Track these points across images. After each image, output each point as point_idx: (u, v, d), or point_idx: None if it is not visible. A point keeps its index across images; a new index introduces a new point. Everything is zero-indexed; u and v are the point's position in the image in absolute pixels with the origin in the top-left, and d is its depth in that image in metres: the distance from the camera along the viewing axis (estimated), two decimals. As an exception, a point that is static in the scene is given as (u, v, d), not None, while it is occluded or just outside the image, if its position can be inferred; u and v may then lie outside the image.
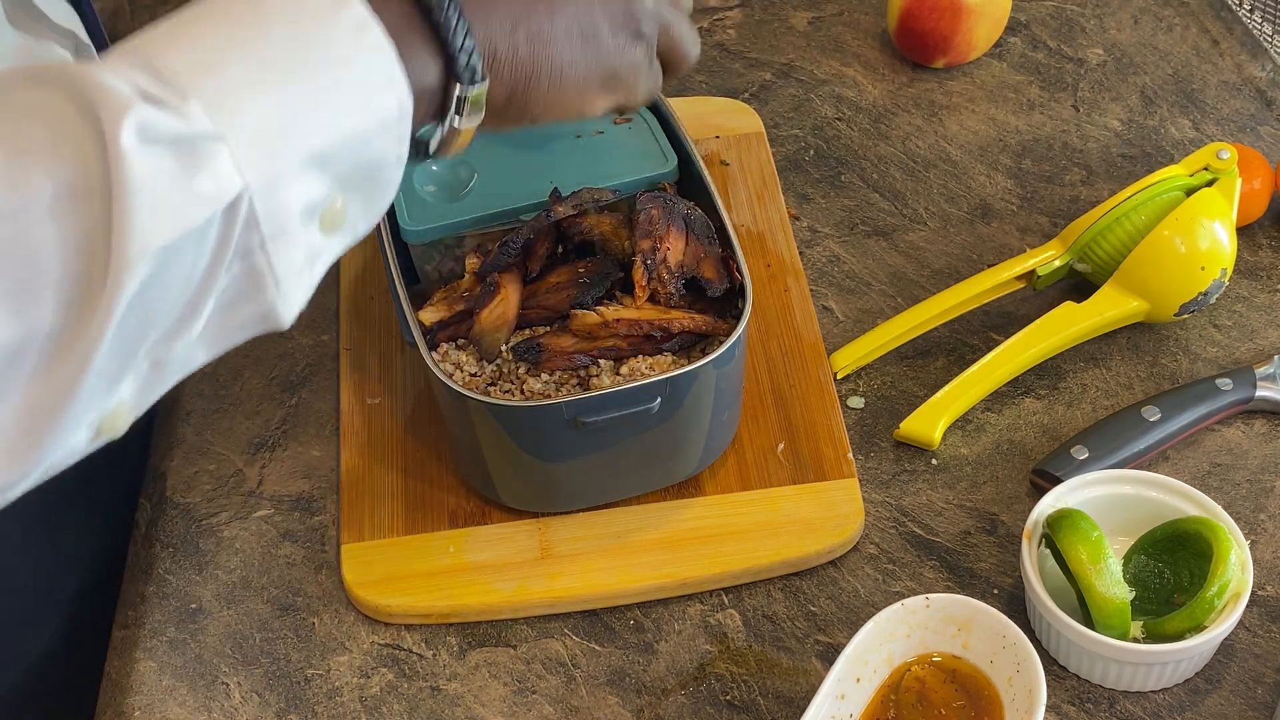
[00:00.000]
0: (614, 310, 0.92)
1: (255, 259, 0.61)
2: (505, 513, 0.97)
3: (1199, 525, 0.89)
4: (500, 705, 0.90)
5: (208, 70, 0.58)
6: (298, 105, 0.60)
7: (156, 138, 0.56)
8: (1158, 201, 1.03)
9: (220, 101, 0.58)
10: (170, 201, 0.57)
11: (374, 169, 0.64)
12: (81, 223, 0.56)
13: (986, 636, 0.86)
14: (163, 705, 0.91)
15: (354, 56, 0.62)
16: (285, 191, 0.60)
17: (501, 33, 0.69)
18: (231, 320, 0.63)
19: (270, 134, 0.59)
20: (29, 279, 0.56)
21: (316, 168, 0.61)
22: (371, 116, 0.63)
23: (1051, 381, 1.03)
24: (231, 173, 0.58)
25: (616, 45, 0.74)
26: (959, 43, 1.22)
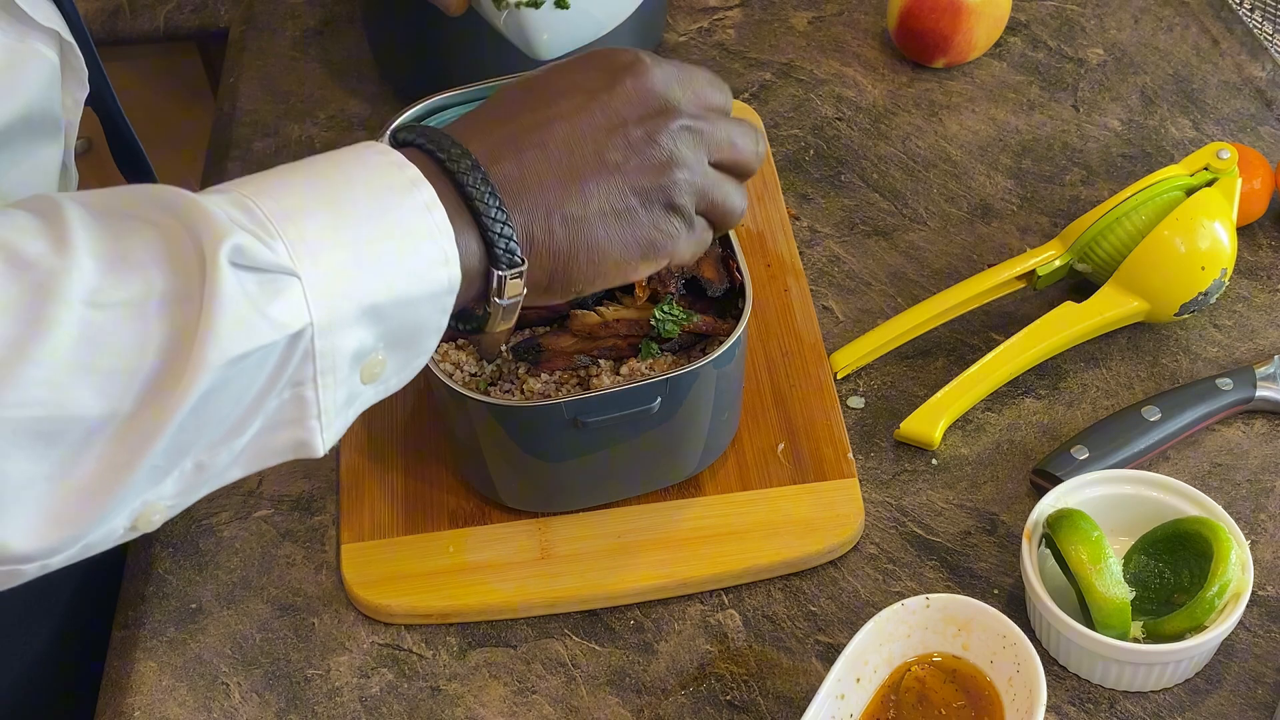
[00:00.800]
0: (614, 310, 0.92)
1: (305, 390, 0.67)
2: (505, 513, 0.97)
3: (1199, 525, 0.89)
4: (500, 705, 0.90)
5: (294, 218, 0.65)
6: (365, 262, 0.67)
7: (246, 263, 0.63)
8: (1158, 201, 1.03)
9: (301, 245, 0.65)
10: (249, 320, 0.63)
11: (416, 333, 0.70)
12: (175, 325, 0.62)
13: (987, 636, 0.86)
14: (163, 705, 0.91)
15: (419, 230, 0.68)
16: (342, 335, 0.66)
17: (537, 219, 0.73)
18: (272, 441, 0.68)
19: (338, 282, 0.66)
20: (126, 368, 0.62)
21: (370, 319, 0.67)
22: (425, 286, 0.69)
23: (1051, 381, 1.03)
24: (302, 308, 0.65)
25: (652, 219, 0.76)
26: (959, 42, 1.22)
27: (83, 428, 0.61)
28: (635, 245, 0.76)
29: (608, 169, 0.74)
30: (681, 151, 0.76)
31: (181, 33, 1.46)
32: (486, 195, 0.71)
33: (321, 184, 0.68)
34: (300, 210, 0.66)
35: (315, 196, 0.67)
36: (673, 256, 0.78)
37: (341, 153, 0.70)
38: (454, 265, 0.69)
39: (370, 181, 0.68)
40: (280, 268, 0.64)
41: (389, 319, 0.68)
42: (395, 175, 0.69)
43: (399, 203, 0.68)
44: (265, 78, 1.30)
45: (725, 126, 0.79)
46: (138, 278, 0.62)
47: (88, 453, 0.62)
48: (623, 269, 0.76)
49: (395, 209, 0.68)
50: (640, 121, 0.75)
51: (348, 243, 0.66)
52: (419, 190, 0.69)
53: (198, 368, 0.62)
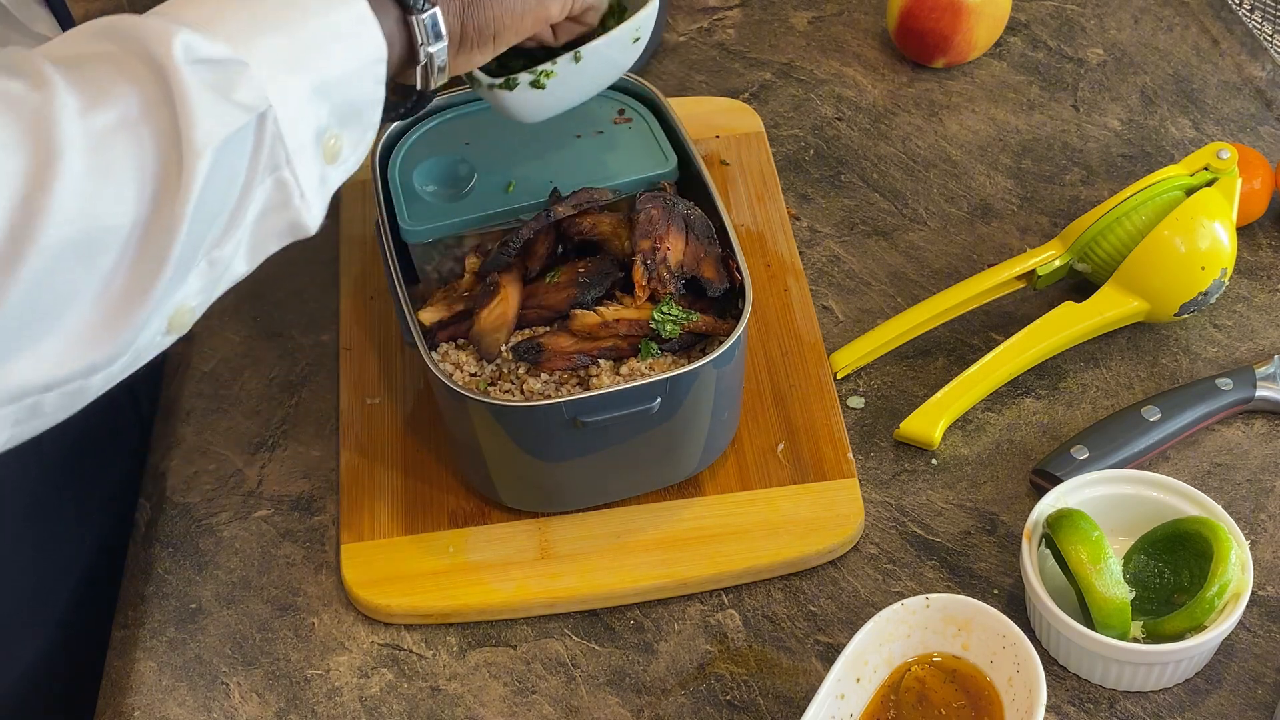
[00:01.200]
0: (614, 310, 0.92)
1: (282, 173, 0.71)
2: (505, 513, 0.97)
3: (1199, 525, 0.89)
4: (500, 705, 0.90)
5: (223, 18, 0.69)
6: (300, 44, 0.71)
7: (198, 58, 0.67)
8: (1158, 201, 1.03)
9: (238, 38, 0.69)
10: (219, 108, 0.67)
11: (360, 106, 0.74)
12: (161, 128, 0.66)
13: (986, 636, 0.86)
14: (163, 705, 0.91)
15: (335, 7, 0.73)
16: (299, 113, 0.71)
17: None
18: (267, 227, 0.73)
19: (282, 65, 0.70)
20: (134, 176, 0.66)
21: (319, 97, 0.72)
22: (355, 57, 0.73)
23: (1051, 381, 1.03)
24: (260, 89, 0.69)
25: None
26: (959, 42, 1.22)
27: (119, 235, 0.66)
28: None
29: None
30: None
31: (181, 32, 1.45)
32: None
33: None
34: (224, 12, 0.70)
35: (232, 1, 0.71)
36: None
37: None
38: (374, 29, 0.74)
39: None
40: (228, 57, 0.68)
41: (334, 94, 0.72)
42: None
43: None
44: (265, 78, 1.30)
45: None
46: (114, 95, 0.66)
47: (123, 260, 0.66)
48: (525, 13, 0.81)
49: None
50: None
51: (278, 28, 0.70)
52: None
53: (191, 158, 0.66)
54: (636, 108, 1.03)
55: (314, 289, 1.11)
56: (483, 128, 1.02)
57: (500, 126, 1.01)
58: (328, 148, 0.73)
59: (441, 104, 1.03)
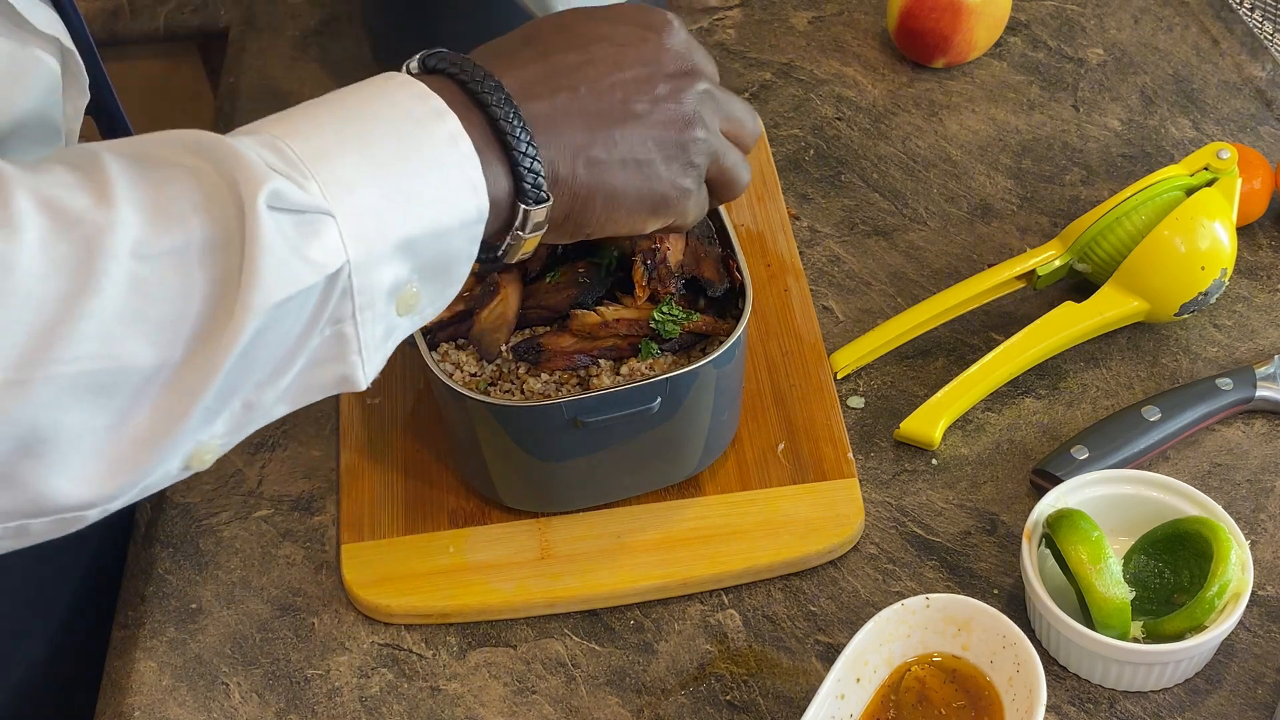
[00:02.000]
0: (614, 310, 0.92)
1: (345, 326, 0.68)
2: (505, 513, 0.97)
3: (1199, 525, 0.89)
4: (500, 705, 0.90)
5: (325, 157, 0.67)
6: (396, 197, 0.68)
7: (283, 206, 0.64)
8: (1158, 201, 1.03)
9: (334, 184, 0.66)
10: (289, 264, 0.64)
11: (448, 263, 0.71)
12: (219, 272, 0.63)
13: (986, 636, 0.86)
14: (163, 705, 0.91)
15: (447, 162, 0.70)
16: (378, 270, 0.68)
17: (564, 158, 0.75)
18: (315, 378, 0.70)
19: (372, 218, 0.67)
20: (174, 316, 0.63)
21: (404, 254, 0.68)
22: (454, 216, 0.70)
23: (1051, 381, 1.04)
24: (338, 246, 0.66)
25: (669, 175, 0.78)
26: (959, 42, 1.22)
27: (137, 378, 0.63)
28: (649, 197, 0.78)
29: (634, 118, 0.76)
30: (702, 112, 0.78)
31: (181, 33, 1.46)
32: (518, 129, 0.72)
33: (349, 121, 0.69)
34: (330, 149, 0.67)
35: (343, 135, 0.68)
36: (681, 216, 0.80)
37: (367, 86, 0.71)
38: (482, 194, 0.71)
39: (395, 116, 0.69)
40: (316, 208, 0.65)
41: (422, 251, 0.69)
42: (419, 107, 0.70)
43: (426, 136, 0.69)
44: (265, 78, 1.30)
45: (735, 100, 0.82)
46: (179, 227, 0.63)
47: (142, 401, 0.64)
48: (633, 219, 0.78)
49: (422, 143, 0.69)
50: (668, 78, 0.78)
51: (378, 179, 0.67)
52: (444, 121, 0.70)
53: (244, 314, 0.63)
54: (636, 108, 1.03)
55: (314, 289, 1.11)
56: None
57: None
58: (402, 300, 0.70)
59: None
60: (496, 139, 0.72)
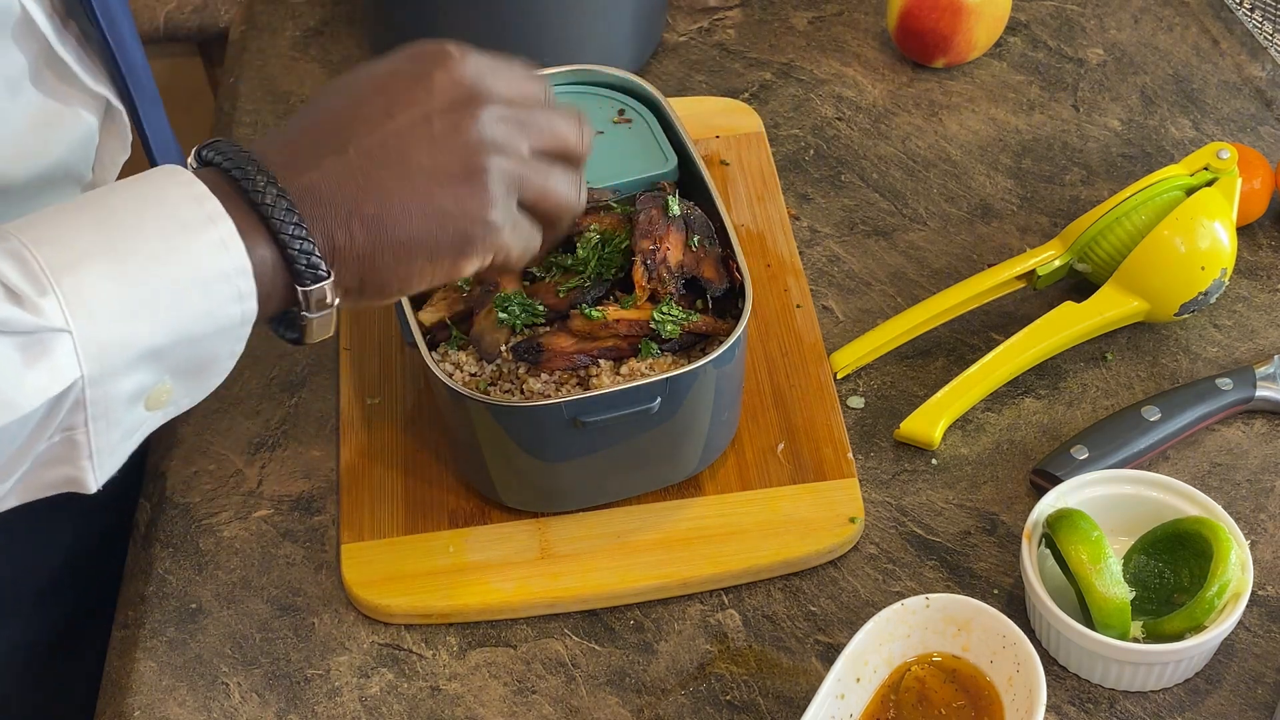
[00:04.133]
0: (614, 310, 0.92)
1: (76, 435, 0.66)
2: (505, 513, 0.97)
3: (1199, 525, 0.89)
4: (500, 705, 0.90)
5: (72, 268, 0.64)
6: (146, 308, 0.65)
7: (9, 330, 0.62)
8: (1158, 201, 1.03)
9: (77, 298, 0.63)
10: (7, 395, 0.62)
11: (207, 363, 0.69)
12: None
13: (986, 636, 0.86)
14: (163, 705, 0.91)
15: (212, 271, 0.67)
16: (116, 382, 0.65)
17: (338, 225, 0.70)
18: (42, 478, 0.68)
19: (115, 331, 0.64)
20: None
21: (150, 361, 0.66)
22: (216, 323, 0.68)
23: (1051, 381, 1.03)
24: (71, 364, 0.63)
25: (463, 211, 0.72)
26: (959, 42, 1.22)
27: None
28: (447, 240, 0.72)
29: (410, 166, 0.71)
30: (494, 137, 0.73)
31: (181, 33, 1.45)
32: (282, 212, 0.68)
33: (111, 225, 0.66)
34: (80, 260, 0.64)
35: (100, 240, 0.65)
36: (499, 251, 0.75)
37: (142, 183, 0.68)
38: (250, 300, 0.68)
39: (164, 220, 0.66)
40: (48, 327, 0.63)
41: (172, 356, 0.67)
42: (193, 211, 0.67)
43: (191, 243, 0.66)
44: (265, 78, 1.30)
45: (544, 114, 0.76)
46: None
47: None
48: (437, 267, 0.73)
49: (186, 249, 0.66)
50: (446, 112, 0.72)
51: (127, 291, 0.65)
52: (216, 226, 0.67)
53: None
54: (636, 108, 1.03)
55: (314, 289, 1.11)
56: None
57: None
58: (152, 398, 0.68)
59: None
60: (264, 225, 0.69)
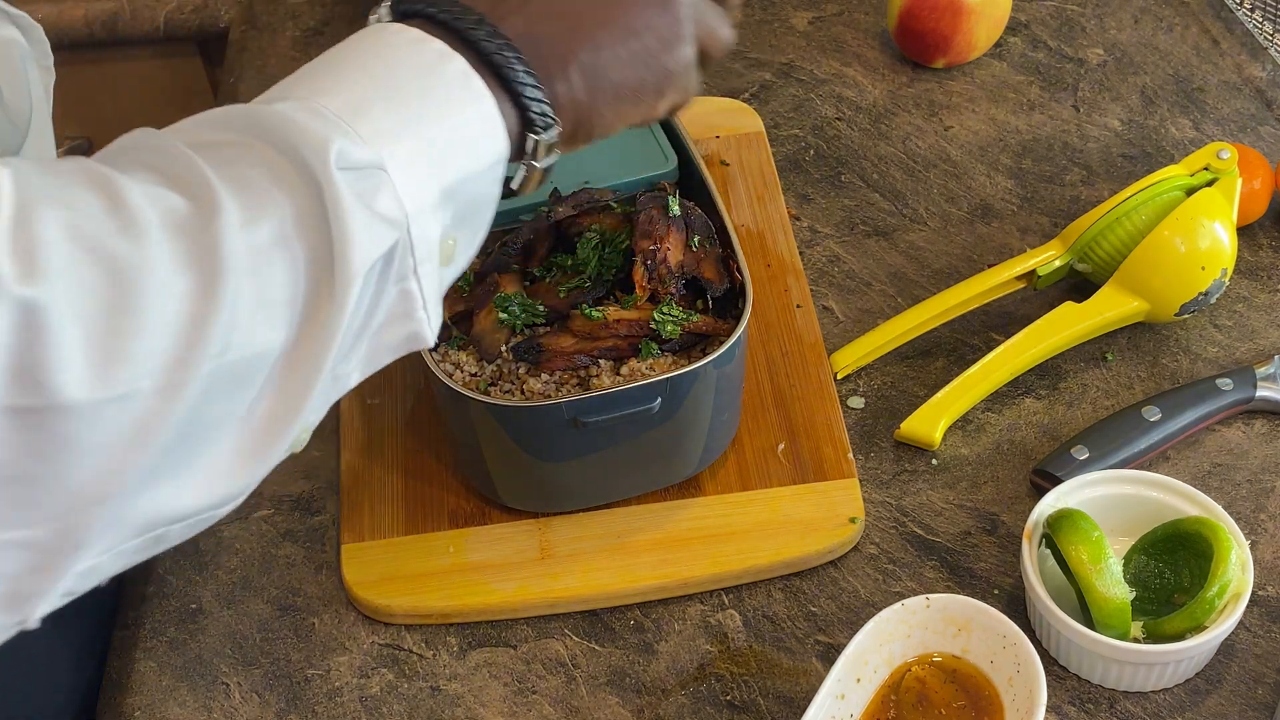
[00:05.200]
0: (614, 310, 0.92)
1: (409, 283, 0.67)
2: (505, 513, 0.97)
3: (1199, 525, 0.89)
4: (500, 705, 0.90)
5: (360, 112, 0.65)
6: (432, 145, 0.66)
7: (348, 165, 0.63)
8: (1158, 201, 1.03)
9: (377, 138, 0.64)
10: (371, 223, 0.63)
11: (479, 206, 0.70)
12: (313, 242, 0.62)
13: (987, 637, 0.86)
14: (163, 705, 0.91)
15: (465, 104, 0.68)
16: (429, 221, 0.66)
17: (559, 74, 0.71)
18: (386, 340, 0.68)
19: (417, 169, 0.65)
20: (288, 295, 0.62)
21: (446, 202, 0.67)
22: (481, 158, 0.68)
23: (1052, 381, 1.03)
24: (396, 200, 0.64)
25: (667, 56, 0.75)
26: (959, 43, 1.22)
27: (266, 363, 0.62)
28: (652, 84, 0.75)
29: (610, 8, 0.73)
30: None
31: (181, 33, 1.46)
32: (514, 61, 0.69)
33: (367, 74, 0.67)
34: (362, 104, 0.65)
35: (368, 88, 0.66)
36: (684, 90, 0.78)
37: (364, 39, 0.69)
38: (499, 131, 0.69)
39: (407, 63, 0.67)
40: (371, 163, 0.64)
41: (459, 197, 0.68)
42: (424, 52, 0.68)
43: (440, 80, 0.67)
44: (265, 78, 1.30)
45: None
46: (270, 205, 0.62)
47: (268, 387, 0.63)
48: (640, 108, 0.76)
49: (439, 87, 0.67)
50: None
51: (413, 129, 0.66)
52: (452, 62, 0.68)
53: (346, 282, 0.62)
54: (636, 108, 1.02)
55: (314, 289, 1.11)
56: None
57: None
58: (445, 250, 0.68)
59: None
60: (494, 74, 0.69)
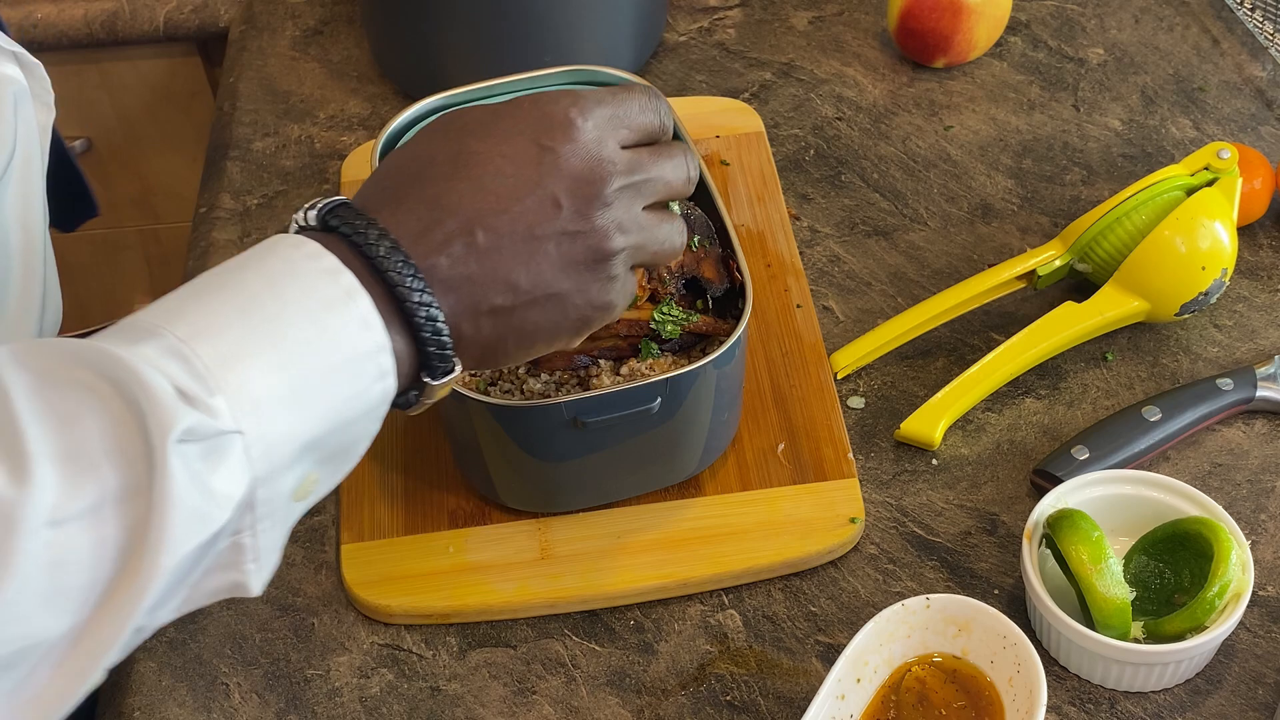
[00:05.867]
0: (614, 310, 0.92)
1: (242, 538, 0.63)
2: (505, 513, 0.97)
3: (1199, 525, 0.89)
4: (500, 705, 0.90)
5: (234, 363, 0.61)
6: (306, 399, 0.63)
7: (193, 439, 0.59)
8: (1158, 201, 1.03)
9: (241, 397, 0.61)
10: (200, 510, 0.59)
11: (352, 447, 0.67)
12: (128, 524, 0.58)
13: (987, 637, 0.86)
14: (163, 705, 0.91)
15: (360, 351, 0.65)
16: (282, 479, 0.63)
17: (465, 316, 0.69)
18: (204, 587, 0.64)
19: (280, 426, 0.62)
20: (84, 582, 0.58)
21: (309, 451, 0.64)
22: (363, 405, 0.66)
23: (1052, 381, 1.03)
24: (243, 466, 0.61)
25: (586, 298, 0.72)
26: (959, 42, 1.22)
27: (44, 648, 0.59)
28: (568, 325, 0.73)
29: (538, 256, 0.70)
30: (616, 216, 0.72)
31: (181, 33, 1.46)
32: (421, 299, 0.66)
33: (254, 309, 0.63)
34: (240, 353, 0.62)
35: (252, 331, 0.62)
36: (608, 319, 0.75)
37: (268, 257, 0.65)
38: (390, 378, 0.66)
39: (306, 299, 0.64)
40: (223, 430, 0.60)
41: (326, 444, 0.65)
42: (330, 287, 0.65)
43: (339, 322, 0.64)
44: (265, 78, 1.30)
45: (658, 166, 0.75)
46: (92, 479, 0.58)
47: (44, 666, 0.59)
48: (554, 344, 0.73)
49: (336, 331, 0.64)
50: (572, 194, 0.71)
51: (287, 381, 0.62)
52: (355, 303, 0.65)
53: (152, 571, 0.59)
54: (637, 108, 1.02)
55: (314, 289, 1.11)
56: (483, 127, 1.02)
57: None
58: (302, 489, 0.65)
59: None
60: (398, 311, 0.67)
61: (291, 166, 1.21)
